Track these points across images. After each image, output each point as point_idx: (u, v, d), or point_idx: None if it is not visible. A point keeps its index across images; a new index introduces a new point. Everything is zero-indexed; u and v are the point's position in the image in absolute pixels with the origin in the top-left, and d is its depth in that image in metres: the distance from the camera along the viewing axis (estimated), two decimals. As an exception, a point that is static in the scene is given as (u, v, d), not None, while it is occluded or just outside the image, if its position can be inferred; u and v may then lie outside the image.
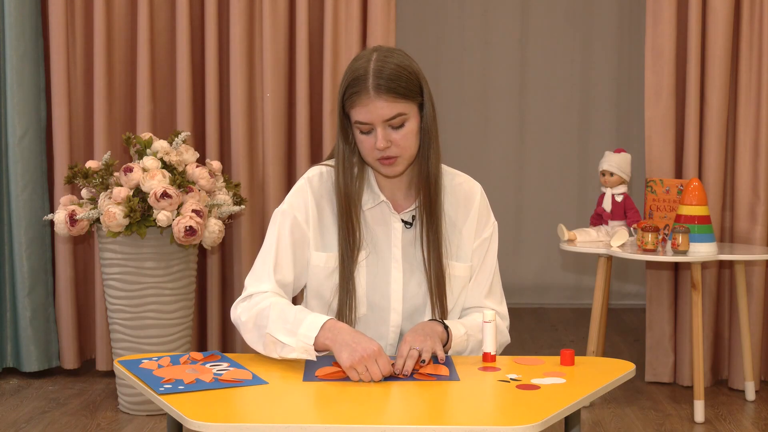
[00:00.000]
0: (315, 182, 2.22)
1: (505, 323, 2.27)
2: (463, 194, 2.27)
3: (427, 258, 2.19)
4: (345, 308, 2.17)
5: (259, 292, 2.15)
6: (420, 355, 1.98)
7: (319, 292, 2.21)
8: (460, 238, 2.25)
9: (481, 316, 2.18)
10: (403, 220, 2.22)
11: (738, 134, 4.11)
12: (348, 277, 2.17)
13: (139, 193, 3.58)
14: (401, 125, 2.10)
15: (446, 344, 2.11)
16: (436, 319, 2.15)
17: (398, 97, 2.08)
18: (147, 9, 4.13)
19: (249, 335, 2.11)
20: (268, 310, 2.07)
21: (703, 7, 4.07)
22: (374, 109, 2.07)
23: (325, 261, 2.19)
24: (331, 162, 2.25)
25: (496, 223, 2.29)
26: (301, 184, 2.22)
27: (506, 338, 2.27)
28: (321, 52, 4.19)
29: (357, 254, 2.17)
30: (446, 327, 2.12)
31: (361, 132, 2.12)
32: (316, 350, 2.01)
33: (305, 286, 2.26)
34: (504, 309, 2.30)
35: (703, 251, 3.69)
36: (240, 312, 2.14)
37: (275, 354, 2.05)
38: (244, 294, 2.17)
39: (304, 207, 2.20)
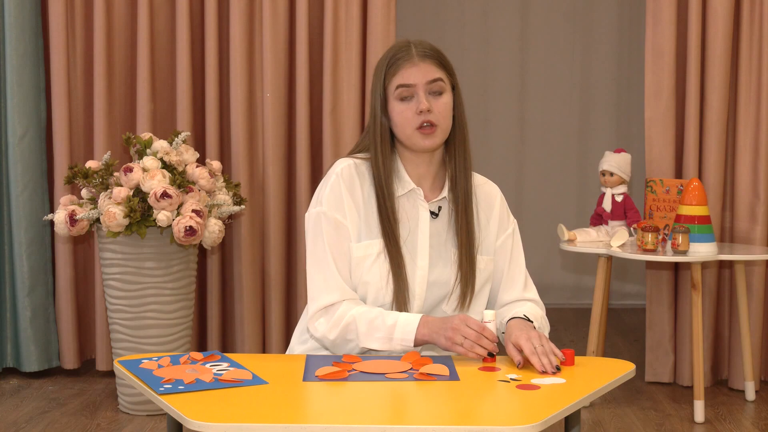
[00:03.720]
0: (345, 174, 2.23)
1: (542, 312, 2.32)
2: (484, 194, 2.34)
3: (459, 248, 2.23)
4: (400, 294, 2.19)
5: (335, 303, 2.18)
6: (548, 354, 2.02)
7: (364, 279, 2.21)
8: (485, 234, 2.31)
9: (529, 304, 2.27)
10: (429, 210, 2.25)
11: (738, 134, 4.11)
12: (397, 260, 2.20)
13: (139, 193, 3.58)
14: (440, 93, 2.20)
15: None
16: (519, 317, 2.16)
17: (439, 65, 2.20)
18: (147, 9, 4.13)
19: (338, 350, 2.20)
20: (354, 323, 2.14)
21: (703, 7, 4.07)
22: (419, 69, 2.18)
23: (365, 249, 2.21)
24: (359, 155, 2.28)
25: (515, 221, 2.39)
26: (333, 180, 2.23)
27: (548, 325, 2.32)
28: (321, 52, 4.19)
29: (398, 234, 2.21)
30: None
31: (402, 99, 2.18)
32: (414, 347, 2.12)
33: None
34: (539, 299, 2.35)
35: (703, 251, 3.69)
36: (324, 330, 2.18)
37: None
38: (316, 306, 2.19)
39: (341, 203, 2.21)
